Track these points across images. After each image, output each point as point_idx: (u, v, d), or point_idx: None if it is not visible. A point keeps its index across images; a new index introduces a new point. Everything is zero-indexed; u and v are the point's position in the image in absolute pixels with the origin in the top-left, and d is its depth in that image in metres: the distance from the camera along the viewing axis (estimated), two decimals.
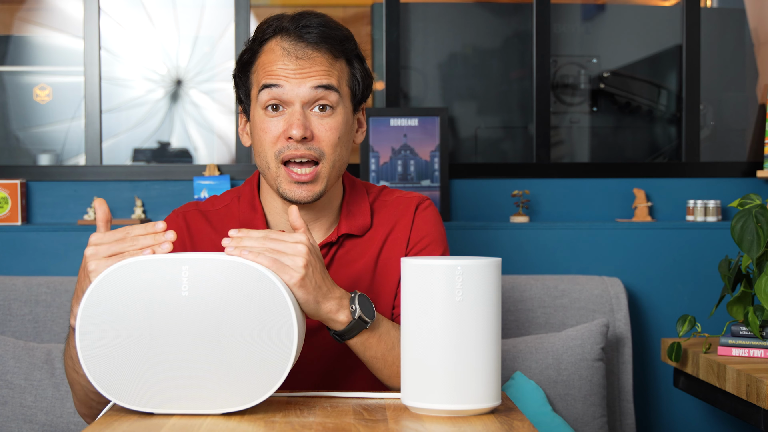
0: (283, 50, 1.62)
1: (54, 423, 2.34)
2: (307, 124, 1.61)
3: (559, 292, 2.60)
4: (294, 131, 1.59)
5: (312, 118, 1.62)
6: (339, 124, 1.63)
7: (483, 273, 1.32)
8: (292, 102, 1.61)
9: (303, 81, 1.60)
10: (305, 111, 1.62)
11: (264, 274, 1.31)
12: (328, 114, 1.63)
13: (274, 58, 1.63)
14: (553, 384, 2.43)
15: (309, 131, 1.61)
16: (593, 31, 3.21)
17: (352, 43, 1.68)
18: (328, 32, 1.64)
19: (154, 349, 1.31)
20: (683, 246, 2.79)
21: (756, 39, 3.19)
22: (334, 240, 1.71)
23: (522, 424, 1.30)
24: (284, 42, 1.63)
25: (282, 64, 1.61)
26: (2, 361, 2.38)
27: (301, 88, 1.60)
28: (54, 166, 2.98)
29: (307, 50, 1.62)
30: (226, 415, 1.33)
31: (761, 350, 2.21)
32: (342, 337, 1.52)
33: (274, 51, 1.63)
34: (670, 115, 3.17)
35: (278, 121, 1.62)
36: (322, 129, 1.62)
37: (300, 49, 1.62)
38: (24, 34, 3.23)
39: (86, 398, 1.59)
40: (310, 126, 1.61)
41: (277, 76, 1.61)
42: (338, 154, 1.64)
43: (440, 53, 3.18)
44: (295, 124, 1.60)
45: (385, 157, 2.79)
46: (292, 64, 1.61)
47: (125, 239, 1.36)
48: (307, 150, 1.61)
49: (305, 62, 1.61)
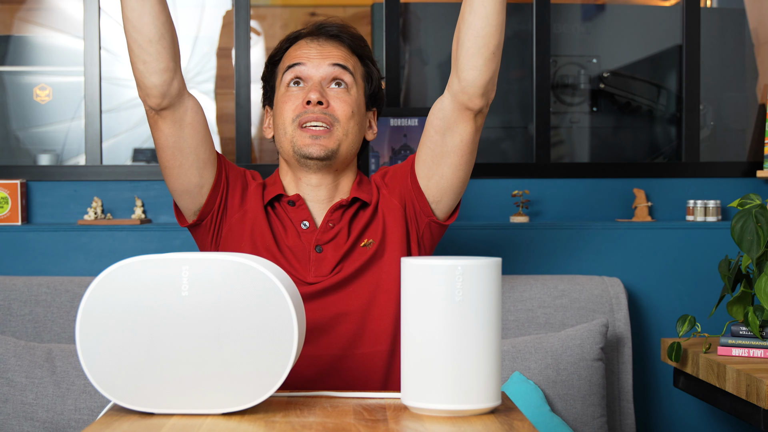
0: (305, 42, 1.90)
1: (54, 420, 2.34)
2: (323, 93, 1.83)
3: (559, 292, 2.60)
4: (312, 95, 1.81)
5: (328, 92, 1.85)
6: (353, 100, 1.86)
7: (483, 273, 1.32)
8: (312, 77, 1.84)
9: (323, 60, 1.86)
10: (323, 84, 1.84)
11: (264, 274, 1.31)
12: (344, 90, 1.86)
13: (298, 47, 1.90)
14: (553, 384, 2.43)
15: (325, 99, 1.82)
16: (593, 31, 3.21)
17: (367, 47, 1.94)
18: (347, 30, 1.92)
19: (154, 349, 1.31)
20: (683, 246, 2.79)
21: (756, 39, 3.19)
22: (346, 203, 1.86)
23: (522, 424, 1.30)
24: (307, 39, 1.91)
25: (306, 49, 1.88)
26: (3, 358, 2.38)
27: (321, 67, 1.85)
28: (54, 166, 2.98)
29: (329, 40, 1.89)
30: (226, 415, 1.33)
31: (761, 350, 2.21)
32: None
33: (298, 45, 1.91)
34: (670, 115, 3.17)
35: (299, 93, 1.85)
36: (337, 100, 1.84)
37: (321, 42, 1.89)
38: (24, 34, 3.23)
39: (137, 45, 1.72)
40: (326, 96, 1.83)
41: (300, 57, 1.87)
42: (351, 126, 1.85)
43: (440, 53, 3.17)
44: (313, 90, 1.82)
45: (385, 157, 2.79)
46: (314, 49, 1.87)
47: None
48: (322, 114, 1.82)
49: (325, 48, 1.88)
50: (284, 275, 1.39)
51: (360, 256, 1.82)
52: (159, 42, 1.70)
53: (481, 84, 1.73)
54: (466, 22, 1.70)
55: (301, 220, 1.82)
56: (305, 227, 1.81)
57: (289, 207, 1.83)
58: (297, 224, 1.81)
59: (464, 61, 1.72)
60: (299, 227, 1.81)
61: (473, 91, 1.73)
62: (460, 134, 1.79)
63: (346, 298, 1.80)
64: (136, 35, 1.70)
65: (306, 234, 1.80)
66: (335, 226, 1.81)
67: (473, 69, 1.72)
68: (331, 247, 1.80)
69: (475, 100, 1.74)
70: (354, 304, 1.80)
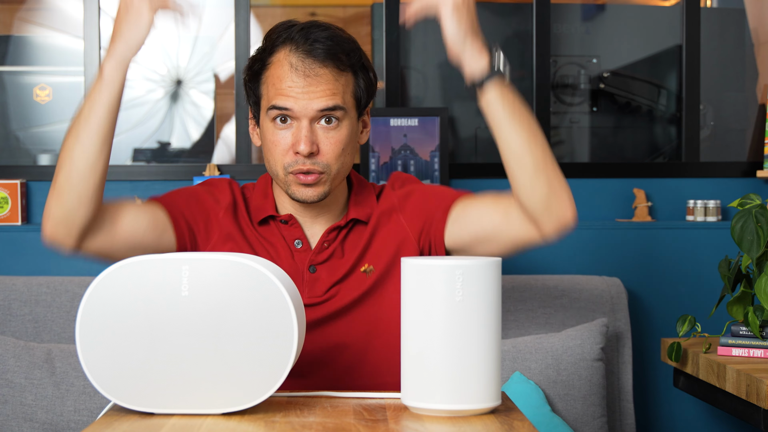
0: (291, 66, 1.70)
1: (54, 421, 2.34)
2: (313, 138, 1.70)
3: (559, 292, 2.60)
4: (301, 147, 1.68)
5: (318, 132, 1.71)
6: (344, 137, 1.72)
7: (483, 273, 1.32)
8: (299, 118, 1.70)
9: (310, 102, 1.69)
10: (312, 126, 1.70)
11: (264, 274, 1.31)
12: (334, 126, 1.72)
13: (282, 73, 1.70)
14: (553, 384, 2.43)
15: (315, 146, 1.70)
16: (593, 31, 3.21)
17: (358, 54, 1.76)
18: (335, 48, 1.71)
19: (154, 349, 1.31)
20: (683, 246, 2.79)
21: (756, 39, 3.19)
22: (343, 224, 1.77)
23: (522, 424, 1.30)
24: (292, 57, 1.71)
25: (290, 81, 1.70)
26: (2, 360, 2.38)
27: (308, 109, 1.69)
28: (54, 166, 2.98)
29: (315, 67, 1.70)
30: (226, 415, 1.33)
31: (761, 350, 2.21)
32: (482, 84, 1.64)
33: (282, 65, 1.71)
34: (670, 115, 3.16)
35: (287, 134, 1.71)
36: (327, 143, 1.71)
37: (308, 66, 1.70)
38: (24, 34, 3.23)
39: (70, 185, 1.62)
40: (317, 140, 1.71)
41: (286, 97, 1.69)
42: (342, 162, 1.73)
43: (440, 53, 3.17)
44: (303, 141, 1.69)
45: (385, 157, 2.79)
46: (300, 80, 1.69)
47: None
48: (312, 165, 1.70)
49: (312, 80, 1.69)
50: (284, 275, 1.39)
51: (359, 284, 1.74)
52: (99, 188, 1.63)
53: (533, 205, 1.66)
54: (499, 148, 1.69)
55: (294, 239, 1.75)
56: (299, 246, 1.74)
57: (282, 225, 1.77)
58: (290, 243, 1.74)
59: (512, 181, 1.70)
60: (292, 246, 1.75)
61: (532, 211, 1.67)
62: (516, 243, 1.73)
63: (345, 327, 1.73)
64: (74, 178, 1.62)
65: (299, 253, 1.74)
66: (330, 246, 1.75)
67: (521, 187, 1.67)
68: (326, 268, 1.74)
69: (542, 223, 1.67)
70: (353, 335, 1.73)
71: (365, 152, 2.78)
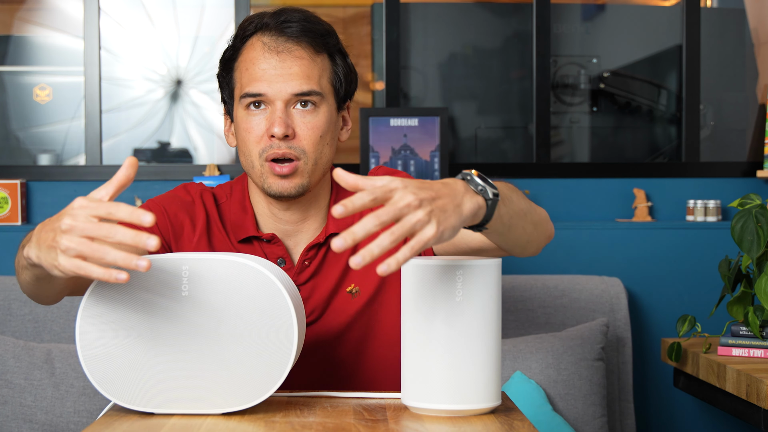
0: (263, 45, 1.63)
1: (54, 422, 2.34)
2: (289, 122, 1.62)
3: (559, 292, 2.60)
4: (276, 129, 1.60)
5: (294, 116, 1.63)
6: (321, 123, 1.64)
7: (483, 273, 1.32)
8: (273, 102, 1.62)
9: (284, 85, 1.62)
10: (287, 109, 1.63)
11: (264, 274, 1.31)
12: (311, 110, 1.64)
13: (255, 55, 1.64)
14: (554, 384, 2.43)
15: (291, 129, 1.62)
16: (593, 31, 3.21)
17: (334, 38, 1.69)
18: (309, 26, 1.65)
19: (154, 349, 1.31)
20: (683, 246, 2.79)
21: (756, 39, 3.19)
22: (321, 241, 1.69)
23: (522, 424, 1.30)
24: (265, 37, 1.64)
25: (264, 63, 1.63)
26: (2, 360, 2.38)
27: (283, 92, 1.62)
28: (54, 166, 2.98)
29: (288, 44, 1.63)
30: (226, 415, 1.33)
31: (761, 350, 2.21)
32: (487, 221, 1.35)
33: (254, 47, 1.64)
34: (670, 115, 3.16)
35: (260, 120, 1.63)
36: (304, 127, 1.63)
37: (281, 43, 1.63)
38: (24, 34, 3.23)
39: (29, 294, 1.52)
40: (292, 124, 1.63)
41: (259, 81, 1.62)
42: (320, 151, 1.64)
43: (440, 53, 3.17)
44: (277, 122, 1.61)
45: (385, 157, 2.78)
46: (273, 60, 1.62)
47: (105, 226, 1.19)
48: (288, 149, 1.61)
49: (286, 57, 1.62)
50: (284, 275, 1.39)
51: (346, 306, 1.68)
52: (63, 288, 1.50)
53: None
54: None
55: (277, 257, 1.69)
56: (282, 265, 1.68)
57: (265, 243, 1.69)
58: (273, 261, 1.68)
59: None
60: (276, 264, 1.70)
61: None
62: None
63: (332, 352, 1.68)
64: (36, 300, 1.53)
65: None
66: (311, 264, 1.68)
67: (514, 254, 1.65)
68: (308, 289, 1.68)
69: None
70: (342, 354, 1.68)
71: (365, 152, 2.78)
